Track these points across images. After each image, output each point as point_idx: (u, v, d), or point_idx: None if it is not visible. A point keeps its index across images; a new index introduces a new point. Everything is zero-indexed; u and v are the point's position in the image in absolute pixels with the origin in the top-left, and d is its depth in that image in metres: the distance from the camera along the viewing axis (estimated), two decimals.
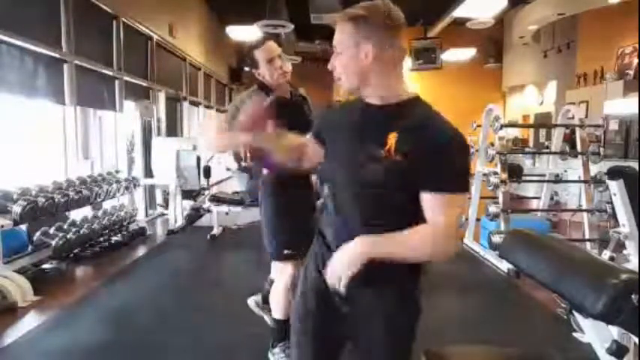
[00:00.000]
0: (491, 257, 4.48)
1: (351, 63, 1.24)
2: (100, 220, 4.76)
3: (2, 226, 3.44)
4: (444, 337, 2.77)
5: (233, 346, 2.77)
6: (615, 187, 3.11)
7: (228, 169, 8.41)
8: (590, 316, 1.09)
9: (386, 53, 1.22)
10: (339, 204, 1.32)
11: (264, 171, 2.41)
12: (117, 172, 5.47)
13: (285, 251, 2.33)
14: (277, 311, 2.44)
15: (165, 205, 6.62)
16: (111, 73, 5.64)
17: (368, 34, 1.21)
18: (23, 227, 4.00)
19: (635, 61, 7.12)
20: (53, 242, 3.97)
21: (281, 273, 2.40)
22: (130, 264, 4.50)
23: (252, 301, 2.80)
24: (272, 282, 2.54)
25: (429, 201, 1.19)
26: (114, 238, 4.93)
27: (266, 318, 2.63)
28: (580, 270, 1.18)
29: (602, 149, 4.61)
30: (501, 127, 4.46)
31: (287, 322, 2.46)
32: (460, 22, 7.95)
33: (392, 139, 1.19)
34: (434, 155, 1.17)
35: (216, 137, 2.03)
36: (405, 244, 1.21)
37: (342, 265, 1.20)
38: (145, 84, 6.69)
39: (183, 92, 8.42)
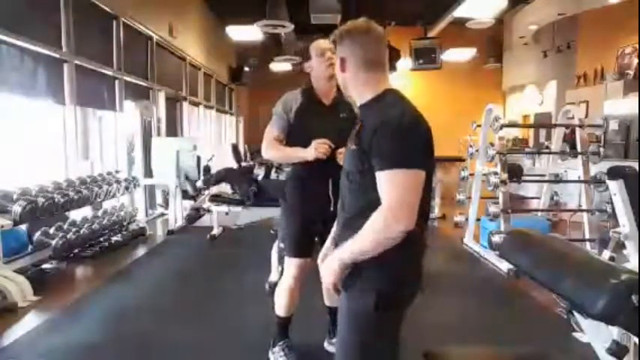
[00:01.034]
0: (491, 257, 4.48)
1: (337, 72, 1.52)
2: (100, 220, 4.76)
3: (2, 226, 3.44)
4: (444, 337, 2.77)
5: (233, 345, 2.77)
6: (615, 187, 3.10)
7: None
8: (590, 316, 1.09)
9: (355, 64, 1.44)
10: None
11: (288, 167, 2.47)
12: (117, 172, 5.47)
13: (282, 247, 2.44)
14: (279, 308, 2.48)
15: (166, 205, 6.62)
16: (111, 73, 5.64)
17: (340, 51, 1.47)
18: (23, 227, 4.00)
19: (635, 61, 7.12)
20: (53, 242, 3.96)
21: (287, 272, 2.46)
22: (130, 264, 4.50)
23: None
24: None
25: (378, 181, 1.31)
26: (114, 238, 4.93)
27: None
28: (580, 270, 1.18)
29: (602, 149, 4.61)
30: (501, 127, 4.46)
31: (288, 320, 2.48)
32: (460, 22, 7.94)
33: (355, 131, 1.42)
34: (373, 138, 1.32)
35: None
36: (362, 236, 1.33)
37: (325, 277, 1.46)
38: (145, 84, 6.69)
39: (183, 92, 8.42)
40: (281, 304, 2.47)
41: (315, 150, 2.17)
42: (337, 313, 2.53)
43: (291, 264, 2.41)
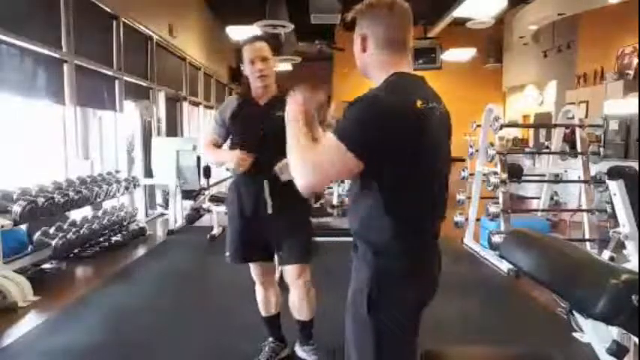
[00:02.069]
0: (491, 257, 4.48)
1: (356, 52, 1.39)
2: (100, 220, 4.76)
3: (2, 226, 3.44)
4: (443, 337, 2.77)
5: (231, 345, 2.77)
6: (615, 187, 3.10)
7: (227, 169, 8.39)
8: (590, 316, 1.09)
9: (375, 44, 1.34)
10: None
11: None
12: (117, 172, 5.47)
13: (227, 253, 2.38)
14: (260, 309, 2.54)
15: (165, 205, 6.62)
16: (111, 73, 5.64)
17: (360, 28, 1.35)
18: (23, 227, 4.00)
19: (635, 61, 7.12)
20: (53, 242, 3.97)
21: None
22: (130, 264, 4.50)
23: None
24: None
25: None
26: (114, 238, 4.93)
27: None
28: (580, 270, 1.18)
29: (602, 149, 4.61)
30: (501, 127, 4.46)
31: (269, 320, 2.52)
32: (460, 22, 7.95)
33: None
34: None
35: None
36: (292, 149, 1.29)
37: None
38: (144, 84, 6.69)
39: (183, 92, 8.42)
40: (259, 306, 2.52)
41: (234, 163, 2.16)
42: (301, 325, 2.46)
43: (250, 269, 2.43)
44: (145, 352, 2.72)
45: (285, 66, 10.97)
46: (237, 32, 8.69)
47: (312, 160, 1.23)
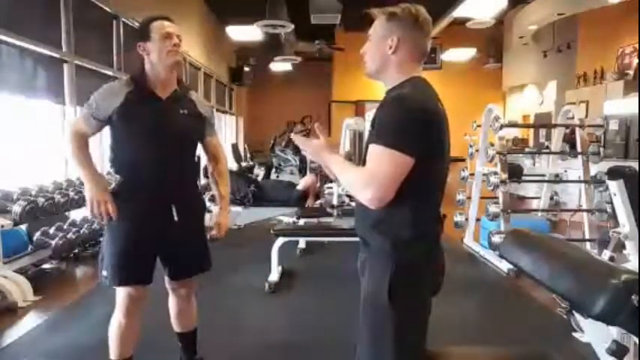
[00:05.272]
0: (491, 257, 4.48)
1: (378, 50, 1.44)
2: None
3: (2, 226, 3.44)
4: (443, 337, 2.77)
5: (232, 345, 2.77)
6: (615, 187, 3.10)
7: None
8: (589, 316, 1.09)
9: (408, 48, 1.42)
10: None
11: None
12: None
13: (104, 272, 2.03)
14: (111, 351, 2.15)
15: None
16: (111, 73, 5.64)
17: (396, 29, 1.41)
18: (23, 227, 4.00)
19: (635, 61, 7.12)
20: (53, 242, 3.96)
21: (117, 304, 2.12)
22: None
23: None
24: None
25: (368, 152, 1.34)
26: None
27: None
28: (580, 270, 1.18)
29: (602, 149, 4.61)
30: (501, 127, 4.46)
31: None
32: (460, 22, 7.95)
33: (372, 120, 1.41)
34: (376, 117, 1.36)
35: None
36: (345, 172, 1.38)
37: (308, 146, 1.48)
38: None
39: None
40: (112, 346, 2.11)
41: (92, 208, 1.95)
42: (187, 338, 2.41)
43: (120, 293, 2.08)
44: (143, 353, 2.71)
45: (285, 66, 10.97)
46: (238, 32, 8.71)
47: (370, 173, 1.30)
